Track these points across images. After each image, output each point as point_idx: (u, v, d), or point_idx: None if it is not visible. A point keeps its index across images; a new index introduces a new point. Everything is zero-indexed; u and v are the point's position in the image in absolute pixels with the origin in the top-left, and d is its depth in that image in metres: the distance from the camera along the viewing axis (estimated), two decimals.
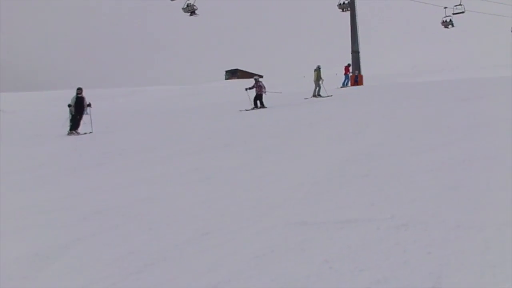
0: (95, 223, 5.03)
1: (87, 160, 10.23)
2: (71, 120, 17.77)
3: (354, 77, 33.78)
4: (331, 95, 23.50)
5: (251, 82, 22.04)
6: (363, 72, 36.31)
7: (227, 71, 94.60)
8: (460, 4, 41.71)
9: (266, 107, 20.44)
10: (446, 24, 43.30)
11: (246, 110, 19.85)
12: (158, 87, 62.74)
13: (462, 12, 41.72)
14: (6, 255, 4.22)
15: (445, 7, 42.73)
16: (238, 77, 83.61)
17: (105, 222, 5.02)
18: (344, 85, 32.43)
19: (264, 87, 21.20)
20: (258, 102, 20.96)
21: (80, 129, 17.52)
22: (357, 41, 37.51)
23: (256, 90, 21.16)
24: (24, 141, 16.23)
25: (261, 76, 21.77)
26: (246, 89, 21.47)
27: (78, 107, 17.78)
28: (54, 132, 18.06)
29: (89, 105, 17.86)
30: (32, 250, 4.25)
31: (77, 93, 18.00)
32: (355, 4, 37.98)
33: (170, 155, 9.50)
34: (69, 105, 17.77)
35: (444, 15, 43.00)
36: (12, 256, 4.17)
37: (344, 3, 38.40)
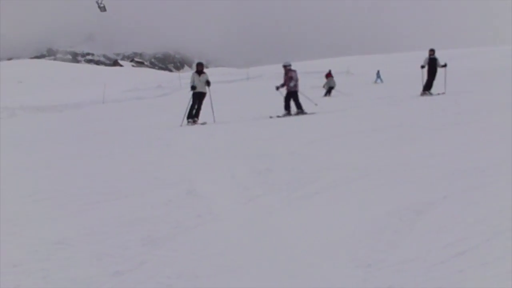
0: (461, 181, 5.55)
1: (442, 119, 11.08)
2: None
3: None
4: None
5: None
6: None
7: None
8: None
9: (305, 113, 16.17)
10: None
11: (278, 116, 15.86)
12: (499, 47, 60.04)
13: None
14: (380, 208, 5.04)
15: None
16: None
17: (470, 181, 5.51)
18: None
19: (297, 80, 16.65)
20: (294, 103, 16.42)
21: (432, 90, 19.08)
22: None
23: (288, 87, 16.61)
24: (376, 101, 18.37)
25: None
26: (277, 88, 17.04)
27: (431, 68, 19.29)
28: (406, 94, 19.73)
29: (444, 65, 19.15)
30: (403, 205, 4.99)
31: (429, 54, 19.48)
32: None
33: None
34: (422, 66, 19.20)
35: None
36: (383, 210, 4.95)
37: None
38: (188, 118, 15.84)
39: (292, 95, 16.49)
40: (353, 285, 3.44)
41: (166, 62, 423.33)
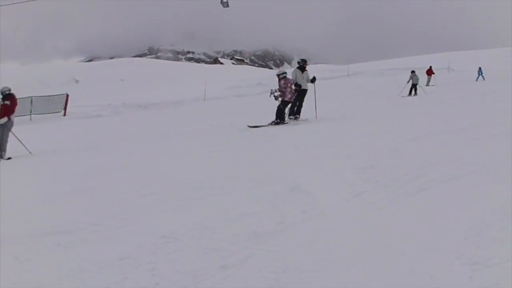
0: None
1: None
2: None
3: None
4: None
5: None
6: None
7: None
8: None
9: (283, 123, 15.38)
10: None
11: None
12: None
13: None
14: (485, 205, 4.98)
15: None
16: None
17: None
18: None
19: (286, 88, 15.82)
20: (288, 110, 15.87)
21: None
22: None
23: (284, 97, 15.91)
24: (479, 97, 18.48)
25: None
26: (276, 97, 16.04)
27: None
28: (509, 90, 19.75)
29: None
30: (508, 202, 4.90)
31: None
32: None
33: None
34: None
35: None
36: (487, 207, 4.88)
37: None
38: (290, 115, 16.02)
39: (283, 104, 16.15)
40: (460, 283, 3.41)
41: (266, 60, 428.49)
